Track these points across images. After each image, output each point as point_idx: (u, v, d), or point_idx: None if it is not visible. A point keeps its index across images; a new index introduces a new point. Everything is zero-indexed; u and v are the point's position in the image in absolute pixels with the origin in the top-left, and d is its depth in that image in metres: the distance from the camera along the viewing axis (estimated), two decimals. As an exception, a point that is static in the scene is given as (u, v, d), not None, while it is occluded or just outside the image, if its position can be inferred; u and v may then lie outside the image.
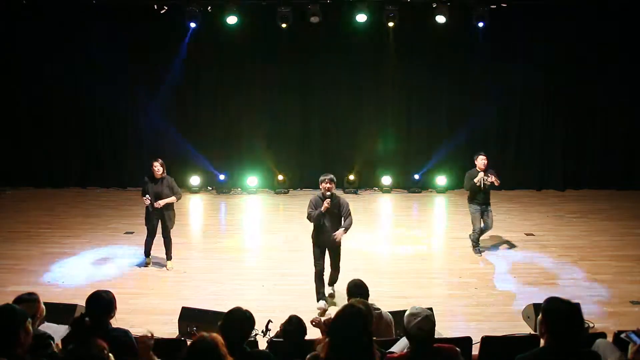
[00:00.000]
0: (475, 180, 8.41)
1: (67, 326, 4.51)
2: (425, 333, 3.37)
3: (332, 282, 7.34)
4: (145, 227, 8.27)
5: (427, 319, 3.38)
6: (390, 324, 5.07)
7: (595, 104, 12.90)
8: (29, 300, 4.07)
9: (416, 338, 3.38)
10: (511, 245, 9.40)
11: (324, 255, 7.10)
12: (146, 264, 8.38)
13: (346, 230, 7.00)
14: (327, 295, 7.22)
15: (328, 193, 6.91)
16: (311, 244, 7.20)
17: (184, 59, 12.66)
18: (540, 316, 3.15)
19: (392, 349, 3.88)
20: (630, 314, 6.80)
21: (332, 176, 6.97)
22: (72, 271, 8.18)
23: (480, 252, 8.89)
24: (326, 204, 6.83)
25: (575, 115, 13.01)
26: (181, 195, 8.34)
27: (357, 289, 4.95)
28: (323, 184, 6.92)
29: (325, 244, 7.03)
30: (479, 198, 8.58)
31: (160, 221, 8.12)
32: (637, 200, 12.23)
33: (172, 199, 8.05)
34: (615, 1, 11.63)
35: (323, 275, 7.14)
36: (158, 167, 7.96)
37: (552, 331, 3.06)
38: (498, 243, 9.52)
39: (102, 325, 3.94)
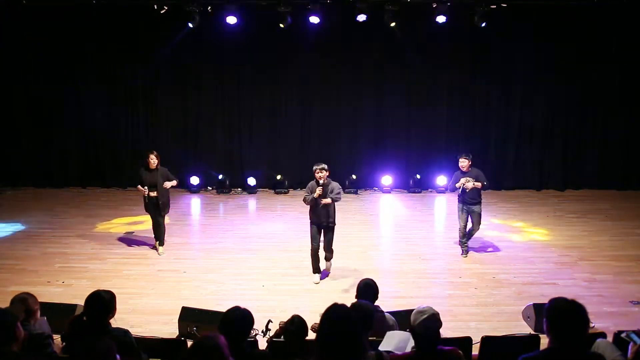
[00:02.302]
0: (457, 185, 8.57)
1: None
2: (431, 331, 3.39)
3: (328, 259, 8.00)
4: (148, 215, 8.82)
5: (433, 317, 3.42)
6: (393, 326, 5.06)
7: (595, 104, 12.91)
8: (27, 298, 4.10)
9: (421, 336, 3.40)
10: (511, 246, 9.39)
11: (320, 234, 7.75)
12: (155, 247, 8.90)
13: (332, 200, 7.57)
14: (324, 268, 7.99)
15: (321, 181, 7.47)
16: (308, 233, 7.78)
17: (184, 59, 12.68)
18: (545, 316, 3.13)
19: (388, 348, 3.88)
20: (630, 314, 6.80)
21: (324, 165, 7.54)
22: (72, 271, 8.18)
23: (465, 252, 8.85)
24: (319, 190, 7.45)
25: (576, 116, 13.02)
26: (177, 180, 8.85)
27: (366, 289, 4.96)
28: (317, 173, 7.51)
29: (321, 224, 7.66)
30: (463, 198, 8.68)
31: (155, 208, 8.60)
32: (637, 200, 12.23)
33: (173, 182, 8.64)
34: (615, 1, 11.63)
35: (318, 252, 7.81)
36: (153, 159, 8.46)
37: (556, 331, 3.04)
38: (498, 243, 9.52)
39: (102, 325, 3.93)
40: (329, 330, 2.89)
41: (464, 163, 8.65)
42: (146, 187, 8.40)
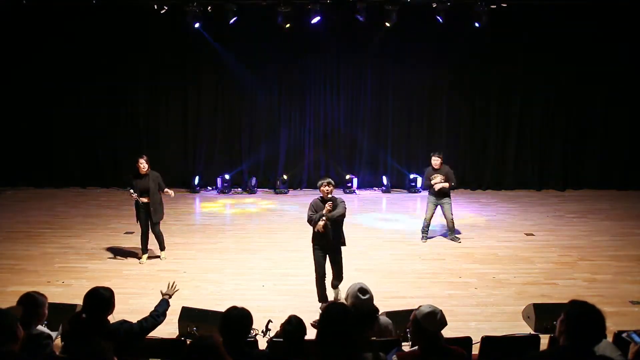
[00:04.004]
0: (432, 182, 9.17)
1: (57, 332, 4.53)
2: (437, 324, 3.44)
3: (335, 286, 7.13)
4: (138, 224, 8.48)
5: (434, 314, 3.47)
6: (388, 328, 5.04)
7: (595, 104, 12.91)
8: (39, 299, 4.10)
9: (427, 329, 3.43)
10: (511, 245, 9.39)
11: (326, 259, 6.95)
12: (140, 262, 8.49)
13: (334, 215, 6.78)
14: (331, 298, 7.11)
15: (329, 196, 6.85)
16: (311, 247, 7.05)
17: (184, 58, 12.68)
18: (562, 316, 3.11)
19: None
20: (630, 314, 6.79)
21: (330, 179, 6.92)
22: (72, 271, 8.18)
23: (425, 239, 9.53)
24: (328, 206, 6.71)
25: (576, 115, 13.02)
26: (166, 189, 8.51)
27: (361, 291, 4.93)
28: (323, 188, 6.83)
29: (327, 247, 6.90)
30: (433, 193, 9.30)
31: (147, 216, 8.31)
32: (637, 200, 12.23)
33: (171, 192, 8.41)
34: (615, 1, 11.63)
35: (324, 279, 6.97)
36: (143, 164, 8.21)
37: (573, 334, 3.01)
38: (498, 243, 9.52)
39: (100, 323, 3.92)
40: (327, 328, 2.90)
41: (436, 161, 9.23)
42: (134, 192, 8.10)
